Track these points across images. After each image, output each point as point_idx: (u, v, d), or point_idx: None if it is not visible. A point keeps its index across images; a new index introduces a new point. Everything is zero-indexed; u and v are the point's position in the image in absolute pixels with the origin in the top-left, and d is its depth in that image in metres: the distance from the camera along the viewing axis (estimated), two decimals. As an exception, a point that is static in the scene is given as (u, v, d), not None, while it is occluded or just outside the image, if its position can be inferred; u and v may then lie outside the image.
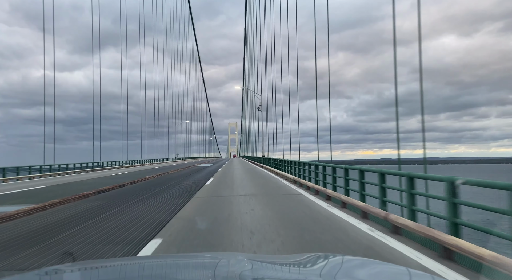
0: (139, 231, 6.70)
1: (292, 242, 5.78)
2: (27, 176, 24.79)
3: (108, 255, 5.16)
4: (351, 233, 6.42)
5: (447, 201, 4.99)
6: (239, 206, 9.62)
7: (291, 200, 11.06)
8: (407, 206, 6.28)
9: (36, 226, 7.44)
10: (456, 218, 4.90)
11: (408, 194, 6.25)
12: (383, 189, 7.41)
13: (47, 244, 5.91)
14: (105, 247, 5.66)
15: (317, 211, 8.78)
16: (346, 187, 9.84)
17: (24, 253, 5.36)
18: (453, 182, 4.91)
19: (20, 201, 11.91)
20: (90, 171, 33.49)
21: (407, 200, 6.27)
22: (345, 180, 9.95)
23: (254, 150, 60.16)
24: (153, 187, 15.62)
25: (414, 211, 6.15)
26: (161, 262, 2.26)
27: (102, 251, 5.44)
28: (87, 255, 5.19)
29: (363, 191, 8.52)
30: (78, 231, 6.78)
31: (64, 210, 9.48)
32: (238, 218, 7.79)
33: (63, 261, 5.07)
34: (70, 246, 5.73)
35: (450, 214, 4.94)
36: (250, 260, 2.01)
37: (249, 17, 51.70)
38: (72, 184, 18.92)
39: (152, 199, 11.39)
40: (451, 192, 4.93)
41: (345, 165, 10.17)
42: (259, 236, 6.14)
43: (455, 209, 4.92)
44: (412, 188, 6.23)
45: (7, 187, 18.11)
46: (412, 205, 6.17)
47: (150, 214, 8.52)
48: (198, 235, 6.41)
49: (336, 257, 2.11)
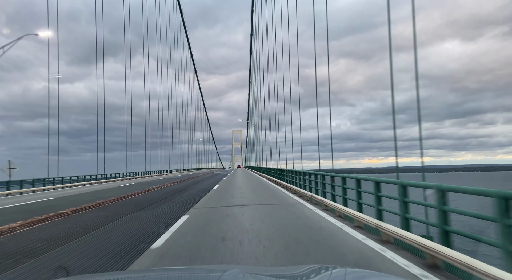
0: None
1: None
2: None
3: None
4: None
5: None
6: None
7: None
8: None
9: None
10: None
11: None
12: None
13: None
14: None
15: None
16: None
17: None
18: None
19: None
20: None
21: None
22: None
23: (260, 160, 59.52)
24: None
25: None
26: (157, 276, 2.22)
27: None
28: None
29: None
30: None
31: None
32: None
33: (56, 275, 4.98)
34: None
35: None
36: (248, 273, 1.95)
37: (254, 26, 51.87)
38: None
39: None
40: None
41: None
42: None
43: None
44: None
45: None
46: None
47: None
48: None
49: (336, 269, 2.06)
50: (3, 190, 22.58)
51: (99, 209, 12.07)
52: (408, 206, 6.10)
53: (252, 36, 52.71)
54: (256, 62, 53.50)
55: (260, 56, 45.71)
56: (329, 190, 11.54)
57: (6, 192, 22.34)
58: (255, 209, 10.80)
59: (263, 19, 40.48)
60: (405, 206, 6.09)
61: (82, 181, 32.50)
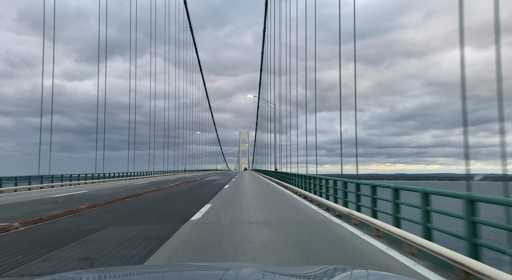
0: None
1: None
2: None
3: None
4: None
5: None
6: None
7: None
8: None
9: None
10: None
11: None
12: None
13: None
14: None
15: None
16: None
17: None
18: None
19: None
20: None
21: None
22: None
23: (267, 162, 58.78)
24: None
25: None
26: (173, 271, 2.30)
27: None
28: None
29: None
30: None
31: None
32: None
33: (81, 266, 4.98)
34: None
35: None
36: (261, 271, 1.97)
37: (266, 28, 51.72)
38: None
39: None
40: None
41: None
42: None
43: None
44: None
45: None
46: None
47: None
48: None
49: (349, 270, 2.07)
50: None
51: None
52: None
53: (264, 38, 52.53)
54: (267, 64, 53.43)
55: (271, 59, 45.59)
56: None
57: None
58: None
59: (276, 21, 40.48)
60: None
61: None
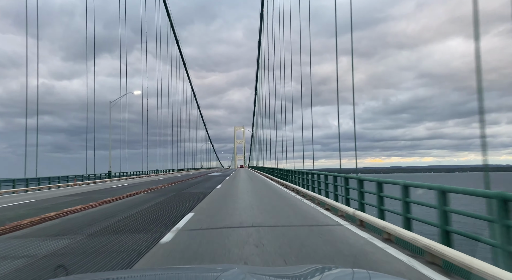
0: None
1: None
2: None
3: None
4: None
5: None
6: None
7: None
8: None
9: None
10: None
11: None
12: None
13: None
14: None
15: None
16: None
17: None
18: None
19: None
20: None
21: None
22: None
23: (264, 159, 58.53)
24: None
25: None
26: (159, 275, 2.22)
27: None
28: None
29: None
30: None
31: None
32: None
33: (56, 274, 4.62)
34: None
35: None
36: (250, 273, 1.94)
37: (263, 23, 51.41)
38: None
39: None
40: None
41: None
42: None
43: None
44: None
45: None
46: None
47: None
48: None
49: (338, 269, 2.09)
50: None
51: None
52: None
53: (261, 33, 52.22)
54: (262, 59, 53.33)
55: (267, 54, 45.56)
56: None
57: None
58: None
59: (270, 16, 40.44)
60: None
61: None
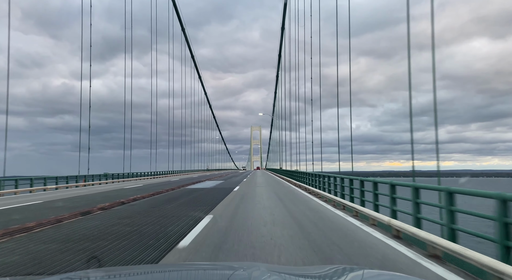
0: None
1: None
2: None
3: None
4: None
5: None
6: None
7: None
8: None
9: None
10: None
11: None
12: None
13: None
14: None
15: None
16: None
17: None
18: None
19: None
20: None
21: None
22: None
23: (283, 160, 56.85)
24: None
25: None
26: (184, 271, 2.33)
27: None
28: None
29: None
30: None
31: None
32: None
33: (89, 266, 4.93)
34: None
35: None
36: (271, 271, 1.96)
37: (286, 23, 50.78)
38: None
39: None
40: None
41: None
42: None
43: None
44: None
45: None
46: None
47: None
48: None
49: (360, 270, 2.07)
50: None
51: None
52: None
53: (283, 33, 51.49)
54: (283, 60, 52.71)
55: (287, 56, 44.96)
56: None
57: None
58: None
59: (292, 18, 39.83)
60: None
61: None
